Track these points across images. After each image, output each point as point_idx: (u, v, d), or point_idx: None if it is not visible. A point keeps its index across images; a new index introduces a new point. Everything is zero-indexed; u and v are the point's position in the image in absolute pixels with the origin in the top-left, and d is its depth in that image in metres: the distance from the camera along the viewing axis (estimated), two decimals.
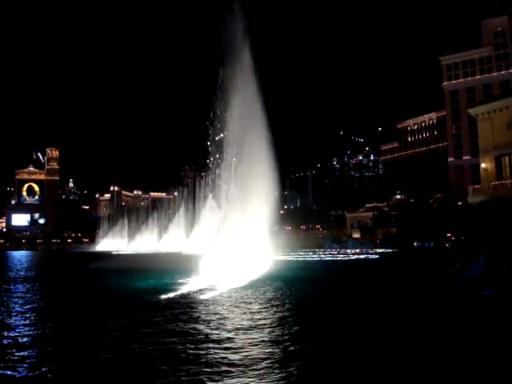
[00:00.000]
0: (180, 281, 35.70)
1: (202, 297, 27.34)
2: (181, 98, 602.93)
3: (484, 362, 13.68)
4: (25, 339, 16.89)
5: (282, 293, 29.52)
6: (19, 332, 18.11)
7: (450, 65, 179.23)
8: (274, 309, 23.00)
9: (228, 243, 40.66)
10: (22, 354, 14.74)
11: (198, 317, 20.97)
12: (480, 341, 16.31)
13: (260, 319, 20.11)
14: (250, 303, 24.77)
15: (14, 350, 15.11)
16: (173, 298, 26.97)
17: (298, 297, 27.86)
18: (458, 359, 14.10)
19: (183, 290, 30.54)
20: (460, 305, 24.45)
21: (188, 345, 15.65)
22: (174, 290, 29.94)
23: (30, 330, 18.53)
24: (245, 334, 17.26)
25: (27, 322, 20.27)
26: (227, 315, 21.18)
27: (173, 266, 50.39)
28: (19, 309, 24.28)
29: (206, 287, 31.25)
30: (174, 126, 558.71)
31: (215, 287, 31.10)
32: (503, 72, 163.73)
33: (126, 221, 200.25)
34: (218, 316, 21.00)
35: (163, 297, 27.28)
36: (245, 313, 21.78)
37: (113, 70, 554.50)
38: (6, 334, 17.78)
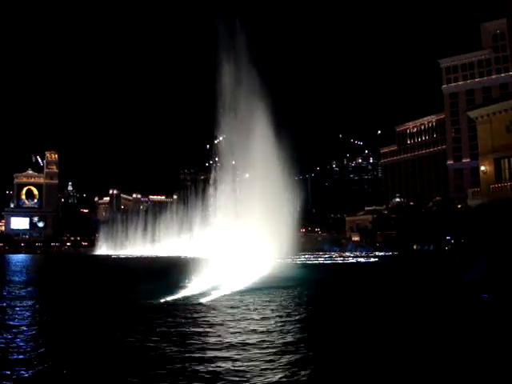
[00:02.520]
0: (180, 284, 35.57)
1: (200, 300, 27.26)
2: (180, 100, 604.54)
3: (484, 363, 13.63)
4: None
5: (285, 296, 29.43)
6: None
7: (450, 67, 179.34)
8: (277, 313, 22.94)
9: (229, 247, 40.57)
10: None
11: (196, 320, 20.90)
12: (480, 343, 16.24)
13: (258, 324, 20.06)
14: (247, 307, 24.70)
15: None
16: (171, 302, 26.90)
17: (300, 301, 27.80)
18: (457, 360, 14.04)
19: (182, 293, 30.46)
20: (460, 307, 24.37)
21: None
22: (174, 294, 29.85)
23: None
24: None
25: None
26: (223, 319, 21.11)
27: (173, 270, 50.13)
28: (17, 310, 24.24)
29: (205, 291, 31.16)
30: (173, 128, 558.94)
31: (214, 291, 31.02)
32: (502, 75, 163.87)
33: (125, 224, 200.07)
34: (212, 320, 20.94)
35: (162, 300, 27.21)
36: (241, 315, 21.72)
37: (112, 74, 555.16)
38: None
